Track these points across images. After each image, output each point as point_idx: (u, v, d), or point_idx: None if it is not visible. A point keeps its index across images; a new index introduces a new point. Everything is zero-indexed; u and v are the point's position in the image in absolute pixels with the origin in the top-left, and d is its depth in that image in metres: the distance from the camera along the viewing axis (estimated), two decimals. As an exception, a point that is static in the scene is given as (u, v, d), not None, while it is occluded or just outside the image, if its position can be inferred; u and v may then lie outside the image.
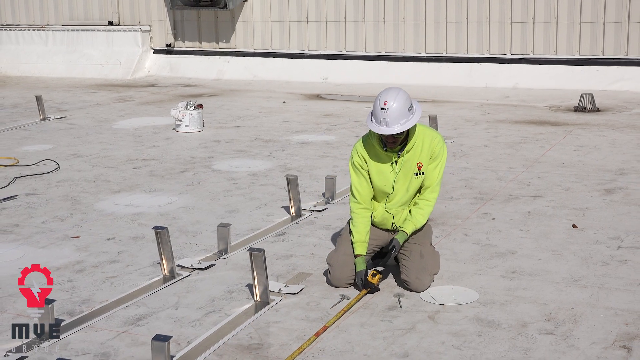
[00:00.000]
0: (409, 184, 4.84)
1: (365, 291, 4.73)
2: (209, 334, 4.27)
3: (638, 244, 5.58)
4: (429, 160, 4.81)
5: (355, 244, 4.84)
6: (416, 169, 4.80)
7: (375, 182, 4.86)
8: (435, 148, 4.80)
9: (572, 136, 9.35)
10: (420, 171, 4.81)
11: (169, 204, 6.92)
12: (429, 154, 4.80)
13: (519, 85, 13.35)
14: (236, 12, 15.73)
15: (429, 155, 4.80)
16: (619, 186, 7.10)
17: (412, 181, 4.83)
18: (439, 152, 4.82)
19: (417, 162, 4.80)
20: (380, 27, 14.60)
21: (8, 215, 6.66)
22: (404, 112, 4.58)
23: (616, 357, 3.92)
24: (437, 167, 4.84)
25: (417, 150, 4.79)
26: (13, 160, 8.68)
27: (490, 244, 5.66)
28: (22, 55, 17.38)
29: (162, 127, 10.59)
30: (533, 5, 13.44)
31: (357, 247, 4.84)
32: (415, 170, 4.81)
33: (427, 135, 4.82)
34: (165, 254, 5.13)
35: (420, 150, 4.79)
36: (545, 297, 4.69)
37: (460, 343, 4.11)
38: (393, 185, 4.84)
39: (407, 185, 4.84)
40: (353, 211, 4.90)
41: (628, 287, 4.82)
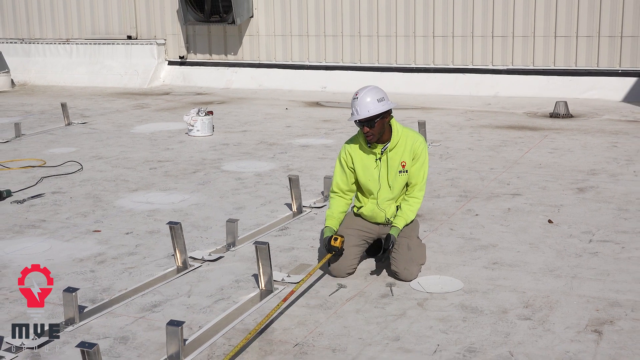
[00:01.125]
0: (394, 181, 4.88)
1: (330, 254, 4.80)
2: (219, 320, 4.28)
3: (608, 238, 5.58)
4: (412, 161, 4.86)
5: (328, 218, 4.97)
6: (400, 167, 4.86)
7: (361, 177, 4.93)
8: (417, 149, 4.85)
9: (548, 140, 9.36)
10: (404, 169, 4.86)
11: (182, 202, 6.92)
12: (412, 154, 4.85)
13: (499, 94, 13.36)
14: (243, 27, 15.73)
15: (412, 156, 4.85)
16: (591, 185, 7.11)
17: (397, 178, 4.88)
18: (420, 153, 4.86)
19: (401, 161, 4.85)
20: (374, 41, 14.62)
21: (36, 212, 6.66)
22: (373, 102, 4.66)
23: (588, 341, 3.93)
24: (422, 166, 4.88)
25: (400, 150, 4.84)
26: (40, 162, 8.69)
27: (473, 238, 5.67)
28: (49, 66, 17.38)
29: (176, 131, 10.59)
30: (512, 21, 13.47)
31: (329, 219, 4.96)
32: (400, 168, 4.86)
33: (410, 137, 4.88)
34: (179, 246, 5.14)
35: (403, 149, 4.84)
36: (523, 285, 4.70)
37: (446, 328, 4.12)
38: (379, 181, 4.88)
39: (393, 182, 4.88)
40: (330, 197, 5.06)
41: (599, 277, 4.82)
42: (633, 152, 8.55)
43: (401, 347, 3.90)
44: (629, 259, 5.14)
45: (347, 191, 5.01)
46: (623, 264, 5.04)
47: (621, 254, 5.24)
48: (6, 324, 4.26)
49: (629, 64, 12.84)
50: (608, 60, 12.96)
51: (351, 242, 4.92)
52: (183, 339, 3.83)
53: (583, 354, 3.79)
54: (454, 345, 3.90)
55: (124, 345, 4.01)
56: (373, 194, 4.93)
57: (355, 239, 4.96)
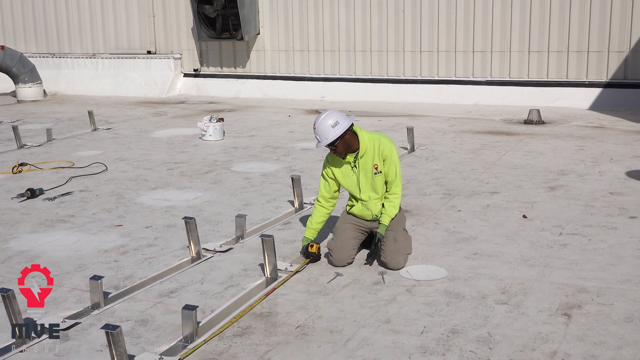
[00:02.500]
0: (372, 182, 4.90)
1: (307, 260, 4.86)
2: (229, 304, 4.28)
3: (576, 231, 5.58)
4: (382, 162, 4.87)
5: (307, 229, 5.03)
6: (374, 170, 4.88)
7: (344, 184, 4.98)
8: (384, 150, 4.86)
9: (523, 144, 9.36)
10: (377, 171, 4.88)
11: (196, 199, 6.91)
12: (380, 156, 4.86)
13: (479, 103, 13.36)
14: (250, 43, 15.73)
15: (381, 158, 4.87)
16: (561, 184, 7.11)
17: (374, 179, 4.89)
18: (387, 153, 4.86)
19: (374, 164, 4.87)
20: (367, 55, 14.61)
21: (65, 208, 6.65)
22: (328, 129, 4.70)
23: (558, 323, 3.92)
24: (392, 165, 4.88)
25: (370, 155, 4.86)
26: (69, 163, 8.68)
27: (456, 231, 5.66)
28: (77, 78, 17.38)
29: (191, 136, 10.59)
30: (490, 38, 13.46)
31: (307, 231, 5.02)
32: (373, 170, 4.88)
33: (376, 141, 4.88)
34: (193, 239, 5.13)
35: (372, 154, 4.86)
36: (501, 274, 4.70)
37: (432, 311, 4.11)
38: (358, 185, 4.91)
39: (371, 183, 4.90)
40: (315, 207, 5.07)
41: (568, 266, 4.82)
42: (598, 154, 8.55)
43: (392, 329, 3.89)
44: (595, 250, 5.14)
45: (329, 199, 5.03)
46: (590, 255, 5.03)
47: (588, 246, 5.23)
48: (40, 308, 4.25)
49: (595, 76, 12.84)
50: (576, 72, 12.96)
51: (349, 236, 4.93)
52: (197, 322, 3.83)
53: (554, 334, 3.79)
54: (439, 327, 3.90)
55: (144, 327, 4.00)
56: (357, 196, 4.96)
57: (352, 233, 4.97)
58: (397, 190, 4.94)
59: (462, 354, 3.60)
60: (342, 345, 3.72)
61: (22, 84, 16.03)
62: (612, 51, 12.68)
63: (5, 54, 15.80)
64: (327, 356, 3.61)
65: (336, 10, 14.73)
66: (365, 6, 14.43)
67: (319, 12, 14.93)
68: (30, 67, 16.15)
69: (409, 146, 8.99)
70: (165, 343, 3.80)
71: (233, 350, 3.70)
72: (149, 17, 16.82)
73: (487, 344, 3.69)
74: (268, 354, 3.64)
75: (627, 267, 4.76)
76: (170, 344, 3.78)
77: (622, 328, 3.85)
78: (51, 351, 3.73)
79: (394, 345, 3.71)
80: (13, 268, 5.00)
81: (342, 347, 3.71)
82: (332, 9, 14.76)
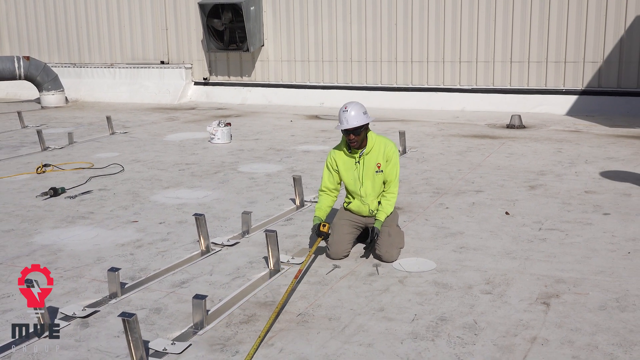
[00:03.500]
0: (372, 179, 4.90)
1: (320, 238, 4.81)
2: (235, 294, 4.27)
3: (554, 227, 5.58)
4: (385, 162, 4.87)
5: (317, 209, 4.99)
6: (376, 168, 4.88)
7: (344, 177, 4.96)
8: (389, 152, 4.87)
9: (505, 146, 9.35)
10: (379, 169, 4.88)
11: (205, 197, 6.91)
12: (384, 157, 4.87)
13: (465, 109, 13.36)
14: (255, 54, 15.72)
15: (385, 158, 4.87)
16: (540, 183, 7.10)
17: (374, 177, 4.89)
18: (391, 155, 4.88)
19: (377, 163, 4.87)
20: (363, 65, 14.61)
21: (85, 205, 6.65)
22: (359, 114, 4.71)
23: (538, 311, 3.92)
24: (394, 166, 4.90)
25: (374, 154, 4.86)
26: (89, 164, 8.67)
27: (444, 227, 5.66)
28: (96, 86, 17.37)
29: (200, 139, 10.58)
30: (476, 49, 13.47)
31: (318, 211, 4.98)
32: (376, 169, 4.88)
33: (382, 143, 4.90)
34: (203, 234, 5.13)
35: (377, 153, 4.87)
36: (485, 266, 4.69)
37: (422, 300, 4.11)
38: (358, 179, 4.90)
39: (372, 181, 4.90)
40: (319, 194, 5.06)
41: (547, 258, 4.82)
42: (574, 156, 8.55)
43: (385, 316, 3.89)
44: (572, 244, 5.14)
45: (332, 189, 5.02)
46: (567, 248, 5.03)
47: (565, 240, 5.23)
48: (62, 298, 4.25)
49: (571, 84, 12.85)
50: (554, 81, 12.97)
51: (345, 231, 4.92)
52: (206, 310, 3.83)
53: (534, 321, 3.79)
54: (429, 315, 3.90)
55: (157, 315, 4.00)
56: (356, 192, 4.94)
57: (348, 228, 4.96)
58: (394, 190, 4.94)
59: (450, 339, 3.60)
60: (340, 332, 3.72)
61: (46, 92, 16.01)
62: (587, 61, 12.69)
63: (31, 64, 15.79)
64: (325, 341, 3.61)
65: (334, 23, 14.73)
66: (361, 20, 14.43)
67: (318, 26, 14.92)
68: (54, 76, 16.14)
69: (400, 148, 8.99)
70: (177, 329, 3.79)
71: (239, 336, 3.70)
72: (162, 30, 16.81)
73: (472, 330, 3.69)
74: (271, 340, 3.64)
75: (601, 260, 4.76)
76: (181, 330, 3.78)
77: (596, 315, 3.85)
78: (72, 337, 3.73)
79: (387, 331, 3.71)
80: (37, 260, 4.99)
81: (340, 333, 3.71)
82: (331, 23, 14.76)
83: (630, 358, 3.37)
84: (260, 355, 3.47)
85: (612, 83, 12.58)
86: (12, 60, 15.59)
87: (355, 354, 3.47)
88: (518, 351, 3.46)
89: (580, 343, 3.53)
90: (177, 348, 3.55)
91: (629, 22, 12.29)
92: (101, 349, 3.59)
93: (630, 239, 5.20)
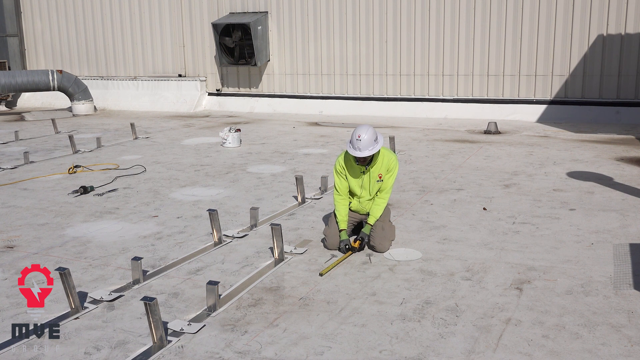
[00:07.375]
0: (371, 187, 4.88)
1: (350, 252, 4.73)
2: (244, 280, 4.26)
3: (526, 221, 5.57)
4: (386, 173, 4.84)
5: (339, 222, 4.86)
6: (377, 178, 4.85)
7: (351, 183, 4.92)
8: (391, 165, 4.84)
9: (483, 150, 9.35)
10: (380, 179, 4.85)
11: (218, 194, 6.90)
12: (387, 168, 4.83)
13: (448, 117, 13.35)
14: (262, 68, 15.70)
15: (387, 169, 4.84)
16: (514, 182, 7.10)
17: (374, 185, 4.87)
18: (393, 167, 4.85)
19: (379, 173, 4.84)
20: (357, 78, 14.59)
21: (111, 202, 6.63)
22: (371, 142, 4.61)
23: (512, 295, 3.92)
24: (392, 177, 4.87)
25: (378, 165, 4.83)
26: (115, 165, 8.66)
27: (429, 221, 5.65)
28: (121, 97, 17.34)
29: (213, 143, 10.56)
30: (457, 64, 13.46)
31: (341, 224, 4.85)
32: (377, 178, 4.85)
33: (386, 156, 4.85)
34: (216, 227, 5.12)
35: (381, 165, 4.83)
36: (465, 255, 4.69)
37: (410, 286, 4.10)
38: (362, 187, 4.88)
39: (370, 188, 4.88)
40: (336, 201, 4.91)
41: (520, 249, 4.81)
42: (544, 158, 8.54)
43: (377, 300, 3.88)
44: (542, 236, 5.13)
45: (345, 193, 4.92)
46: (537, 240, 5.03)
47: (536, 232, 5.22)
48: (91, 283, 4.24)
49: (541, 95, 12.85)
50: (526, 92, 12.96)
51: (341, 225, 4.90)
52: (218, 294, 3.82)
53: (509, 304, 3.78)
54: (415, 299, 3.89)
55: (175, 299, 3.99)
56: (357, 194, 4.94)
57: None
58: (386, 196, 4.90)
59: (434, 320, 3.59)
60: (337, 314, 3.71)
61: (77, 101, 15.99)
62: (555, 75, 12.69)
63: (63, 77, 15.77)
64: (324, 322, 3.60)
65: (332, 41, 14.72)
66: (356, 38, 14.42)
67: (317, 43, 14.90)
68: (83, 88, 16.11)
69: (390, 152, 8.97)
70: (193, 312, 3.78)
71: (248, 317, 3.69)
72: (180, 47, 16.79)
73: (454, 313, 3.68)
74: (276, 321, 3.63)
75: (568, 250, 4.76)
76: (197, 312, 3.77)
77: (563, 299, 3.84)
78: (100, 318, 3.72)
79: (378, 313, 3.70)
80: (69, 251, 4.98)
81: (337, 315, 3.70)
82: (329, 40, 14.75)
83: (593, 337, 3.37)
84: (266, 335, 3.46)
85: (577, 94, 12.58)
86: (47, 73, 15.58)
87: (351, 333, 3.46)
88: (494, 331, 3.45)
89: (549, 324, 3.52)
90: (193, 328, 3.54)
91: (592, 40, 12.29)
92: (125, 329, 3.58)
93: (594, 232, 5.20)
